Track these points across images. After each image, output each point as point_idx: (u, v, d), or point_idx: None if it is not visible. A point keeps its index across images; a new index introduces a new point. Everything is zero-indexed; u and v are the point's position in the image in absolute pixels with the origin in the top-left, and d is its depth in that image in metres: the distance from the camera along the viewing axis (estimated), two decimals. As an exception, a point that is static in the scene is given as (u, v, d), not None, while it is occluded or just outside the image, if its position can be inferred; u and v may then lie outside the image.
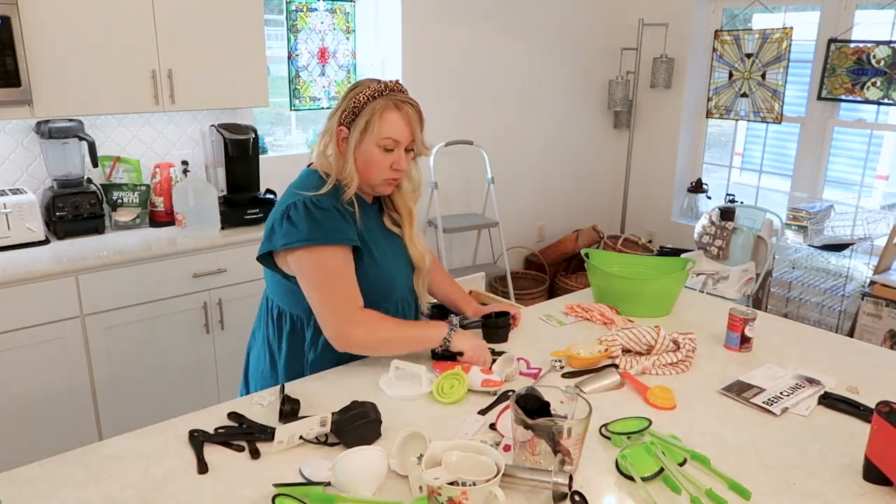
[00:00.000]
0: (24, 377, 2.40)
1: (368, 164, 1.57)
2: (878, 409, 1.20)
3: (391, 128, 1.54)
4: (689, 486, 1.18)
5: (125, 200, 2.89)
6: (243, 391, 1.78)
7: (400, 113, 1.54)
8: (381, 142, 1.54)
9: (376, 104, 1.53)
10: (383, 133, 1.54)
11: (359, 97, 1.54)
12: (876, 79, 3.76)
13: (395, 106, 1.54)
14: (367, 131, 1.54)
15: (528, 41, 4.38)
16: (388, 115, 1.53)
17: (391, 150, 1.56)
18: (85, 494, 1.18)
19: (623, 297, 2.03)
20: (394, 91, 1.56)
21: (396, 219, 1.72)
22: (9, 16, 2.33)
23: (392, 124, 1.54)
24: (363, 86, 1.56)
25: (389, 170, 1.58)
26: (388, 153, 1.56)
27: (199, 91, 2.82)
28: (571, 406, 1.28)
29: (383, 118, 1.53)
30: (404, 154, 1.59)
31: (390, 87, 1.56)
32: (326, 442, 1.32)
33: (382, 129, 1.54)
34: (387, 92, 1.55)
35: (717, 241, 3.90)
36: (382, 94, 1.54)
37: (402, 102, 1.55)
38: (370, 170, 1.57)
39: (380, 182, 1.60)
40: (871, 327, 3.50)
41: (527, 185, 4.68)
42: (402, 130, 1.55)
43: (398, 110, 1.54)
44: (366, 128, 1.54)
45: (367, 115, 1.53)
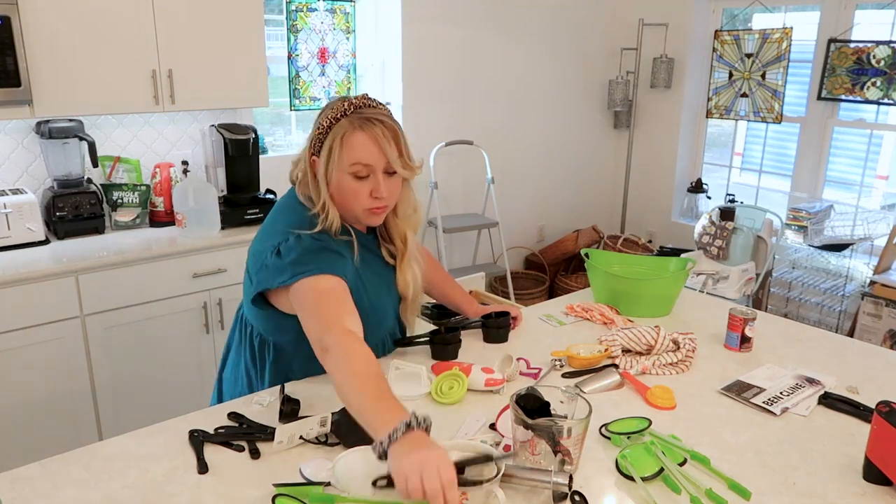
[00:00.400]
0: (24, 377, 2.40)
1: (344, 196, 1.41)
2: (878, 409, 1.20)
3: (357, 152, 1.36)
4: (689, 486, 1.18)
5: (125, 200, 2.89)
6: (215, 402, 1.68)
7: (365, 133, 1.36)
8: (350, 169, 1.37)
9: (338, 127, 1.37)
10: (349, 159, 1.37)
11: (323, 122, 1.39)
12: (876, 79, 3.76)
13: (360, 126, 1.36)
14: (332, 159, 1.38)
15: (528, 41, 4.38)
16: (352, 138, 1.36)
17: (365, 177, 1.39)
18: (85, 494, 1.18)
19: (623, 297, 2.03)
20: (359, 108, 1.38)
21: (392, 250, 1.58)
22: (9, 16, 2.33)
23: (357, 148, 1.36)
24: (329, 107, 1.41)
25: (369, 198, 1.41)
26: (362, 180, 1.39)
27: (199, 91, 2.82)
28: (571, 406, 1.28)
29: (346, 142, 1.36)
30: (383, 178, 1.40)
31: (355, 104, 1.39)
32: (326, 442, 1.32)
33: (348, 155, 1.37)
34: (351, 111, 1.38)
35: (717, 241, 3.90)
36: (346, 115, 1.38)
37: (367, 121, 1.37)
38: (347, 201, 1.41)
39: (362, 213, 1.44)
40: (871, 327, 3.50)
41: (527, 185, 4.68)
42: (370, 152, 1.37)
43: (363, 131, 1.36)
44: (329, 155, 1.38)
45: (330, 140, 1.37)
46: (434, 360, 1.68)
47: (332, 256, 1.40)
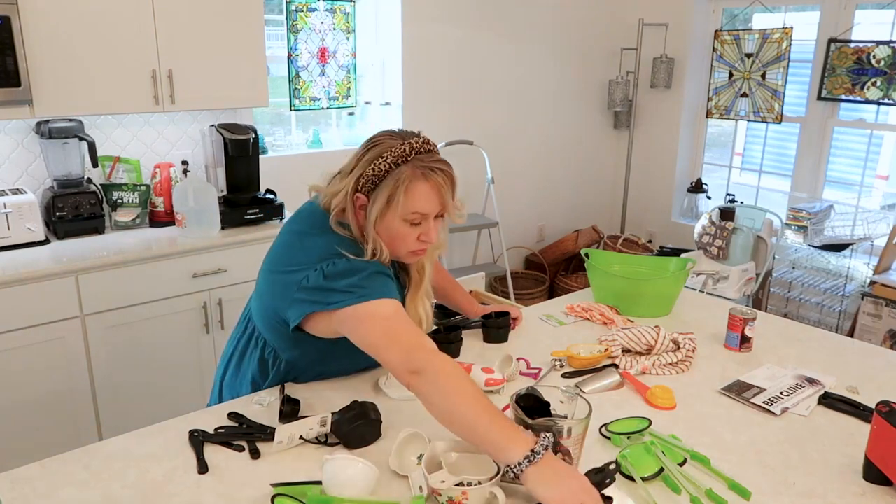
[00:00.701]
0: (24, 377, 2.40)
1: (394, 239, 1.37)
2: (878, 409, 1.20)
3: (420, 202, 1.33)
4: (689, 486, 1.18)
5: (125, 200, 2.89)
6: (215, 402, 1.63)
7: (429, 183, 1.33)
8: (409, 217, 1.35)
9: (401, 173, 1.32)
10: (410, 208, 1.33)
11: (379, 163, 1.33)
12: (876, 79, 3.76)
13: (423, 175, 1.32)
14: (391, 205, 1.33)
15: (528, 41, 4.38)
16: (416, 187, 1.32)
17: (419, 223, 1.37)
18: (85, 494, 1.18)
19: (623, 297, 2.03)
20: (420, 153, 1.34)
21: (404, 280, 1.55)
22: (9, 16, 2.33)
23: (420, 198, 1.33)
24: (383, 146, 1.35)
25: (416, 241, 1.39)
26: (415, 226, 1.37)
27: (199, 91, 2.82)
28: (571, 406, 1.28)
29: (410, 191, 1.32)
30: (434, 222, 1.39)
31: (416, 149, 1.34)
32: (326, 442, 1.32)
33: (409, 204, 1.33)
34: (412, 156, 1.33)
35: (717, 241, 3.90)
36: (408, 160, 1.33)
37: (430, 170, 1.33)
38: (394, 244, 1.39)
39: (406, 254, 1.42)
40: (871, 327, 3.50)
41: (527, 185, 4.69)
42: (432, 203, 1.35)
43: (426, 180, 1.33)
44: (388, 202, 1.33)
45: (391, 186, 1.32)
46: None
47: (387, 280, 1.36)
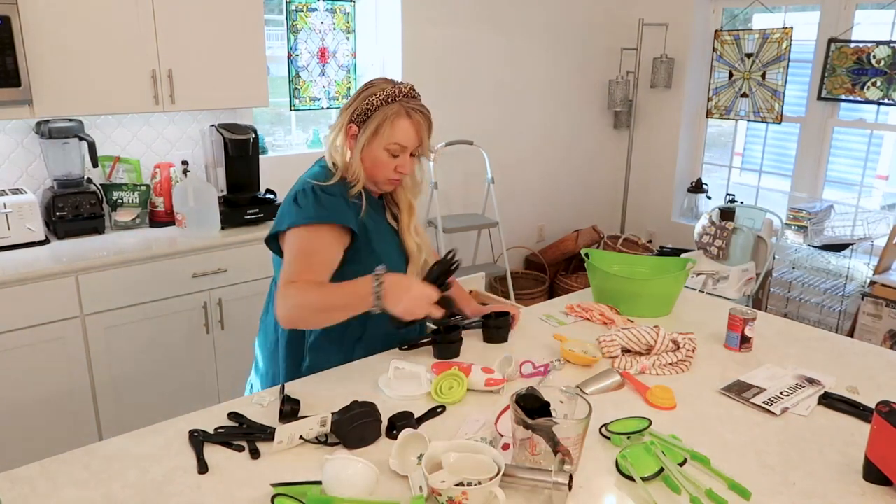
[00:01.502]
0: (24, 377, 2.40)
1: (375, 165, 1.61)
2: (878, 409, 1.20)
3: (401, 135, 1.58)
4: (689, 486, 1.18)
5: (125, 200, 2.89)
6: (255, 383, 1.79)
7: (411, 121, 1.58)
8: (390, 147, 1.58)
9: (389, 109, 1.57)
10: (393, 139, 1.57)
11: (372, 99, 1.57)
12: (876, 79, 3.76)
13: (407, 113, 1.57)
14: (377, 135, 1.57)
15: (527, 41, 4.38)
16: (400, 122, 1.57)
17: (397, 155, 1.60)
18: (85, 494, 1.18)
19: (623, 297, 2.03)
20: (407, 97, 1.59)
21: (396, 213, 1.74)
22: (9, 16, 2.33)
23: (402, 131, 1.58)
24: (377, 87, 1.59)
25: (393, 171, 1.62)
26: (393, 157, 1.60)
27: (199, 91, 2.82)
28: (571, 406, 1.28)
29: (394, 125, 1.57)
30: (409, 158, 1.63)
31: (404, 93, 1.59)
32: (326, 442, 1.32)
33: (392, 135, 1.57)
34: (400, 97, 1.58)
35: (717, 241, 3.90)
36: (396, 100, 1.57)
37: (414, 110, 1.58)
38: (376, 170, 1.61)
39: (383, 181, 1.64)
40: (871, 327, 3.50)
41: (527, 185, 4.68)
42: (411, 138, 1.59)
43: (409, 118, 1.58)
44: (376, 131, 1.57)
45: (379, 118, 1.57)
46: (435, 360, 1.68)
47: (341, 205, 1.57)
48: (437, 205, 3.98)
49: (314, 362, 1.67)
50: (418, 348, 1.74)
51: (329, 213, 1.55)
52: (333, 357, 1.67)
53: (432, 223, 4.02)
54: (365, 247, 1.62)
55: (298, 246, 1.55)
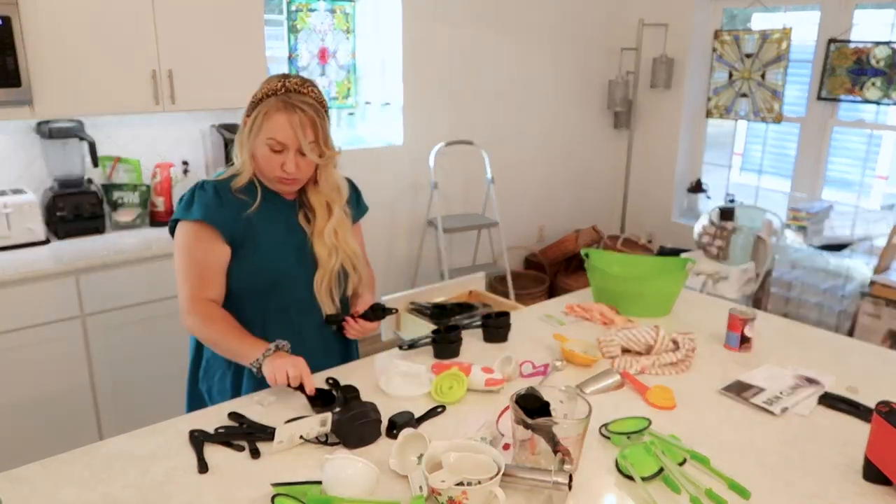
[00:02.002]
0: (24, 377, 2.40)
1: (260, 160, 1.55)
2: (878, 409, 1.20)
3: (273, 129, 1.49)
4: (689, 486, 1.18)
5: (125, 200, 2.89)
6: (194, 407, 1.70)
7: (287, 116, 1.48)
8: (267, 142, 1.51)
9: (268, 103, 1.50)
10: (266, 133, 1.50)
11: (258, 92, 1.53)
12: (875, 79, 3.76)
13: (285, 107, 1.49)
14: (254, 129, 1.52)
15: (528, 41, 4.38)
16: (275, 117, 1.49)
17: (279, 152, 1.51)
18: (85, 494, 1.18)
19: (623, 297, 2.03)
20: (290, 91, 1.51)
21: (310, 216, 1.65)
22: (9, 16, 2.33)
23: (275, 126, 1.49)
24: (268, 80, 1.55)
25: (279, 169, 1.53)
26: (276, 154, 1.52)
27: (199, 91, 2.82)
28: (571, 406, 1.28)
29: (269, 118, 1.49)
30: (297, 157, 1.52)
31: (288, 87, 1.51)
32: (326, 442, 1.32)
33: (266, 129, 1.50)
34: (282, 92, 1.50)
35: (717, 241, 3.90)
36: (277, 94, 1.50)
37: (293, 105, 1.49)
38: (262, 166, 1.55)
39: (272, 179, 1.57)
40: (871, 327, 3.50)
41: (527, 185, 4.68)
42: (286, 134, 1.49)
43: (286, 113, 1.48)
44: (253, 125, 1.52)
45: (257, 112, 1.51)
46: (435, 360, 1.68)
47: (209, 201, 1.53)
48: (437, 205, 3.98)
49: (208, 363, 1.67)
50: (418, 348, 1.74)
51: (196, 210, 1.52)
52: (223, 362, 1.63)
53: (432, 223, 4.02)
54: (249, 246, 1.56)
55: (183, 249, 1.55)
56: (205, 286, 1.54)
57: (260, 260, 1.56)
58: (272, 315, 1.60)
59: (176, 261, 1.56)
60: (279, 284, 1.59)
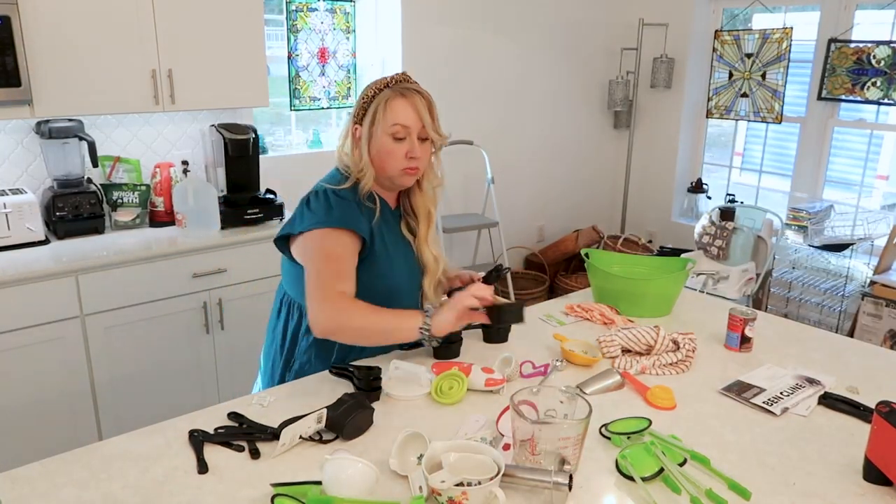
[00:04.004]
0: (24, 377, 2.40)
1: (382, 155, 1.58)
2: (878, 409, 1.20)
3: (397, 114, 1.55)
4: (689, 486, 1.18)
5: (125, 200, 2.89)
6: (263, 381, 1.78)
7: (406, 100, 1.56)
8: (390, 129, 1.55)
9: (382, 95, 1.56)
10: (390, 120, 1.55)
11: (367, 94, 1.59)
12: (876, 79, 3.76)
13: (401, 94, 1.56)
14: (376, 122, 1.56)
15: (528, 41, 4.38)
16: (394, 103, 1.55)
17: (402, 139, 1.57)
18: (85, 494, 1.18)
19: (623, 297, 2.03)
20: (400, 82, 1.59)
21: (413, 225, 1.71)
22: (9, 16, 2.33)
23: (398, 111, 1.55)
24: (371, 85, 1.60)
25: (405, 159, 1.58)
26: (399, 142, 1.56)
27: (199, 91, 2.82)
28: (571, 406, 1.28)
29: (388, 106, 1.55)
30: (418, 142, 1.58)
31: (396, 79, 1.59)
32: (321, 439, 1.33)
33: (389, 117, 1.55)
34: (392, 84, 1.58)
35: (717, 241, 3.90)
36: (388, 86, 1.58)
37: (407, 90, 1.57)
38: (385, 161, 1.58)
39: (398, 173, 1.60)
40: (871, 327, 3.50)
41: (527, 185, 4.68)
42: (408, 115, 1.56)
43: (403, 97, 1.56)
44: (374, 119, 1.56)
45: (374, 106, 1.56)
46: (435, 360, 1.68)
47: (353, 210, 1.55)
48: (437, 205, 3.97)
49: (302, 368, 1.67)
50: (418, 348, 1.74)
51: (341, 218, 1.53)
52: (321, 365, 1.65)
53: (432, 223, 4.02)
54: (375, 254, 1.59)
55: (321, 251, 1.53)
56: (342, 281, 1.52)
57: (380, 270, 1.60)
58: None
59: (314, 266, 1.52)
60: (394, 294, 1.62)
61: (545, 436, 1.19)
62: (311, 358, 1.66)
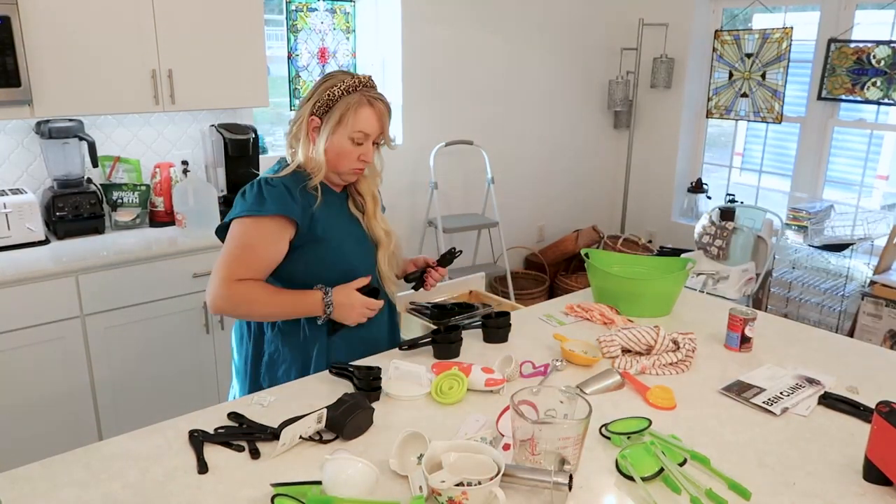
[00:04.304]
0: (24, 377, 2.40)
1: (339, 156, 1.63)
2: (878, 409, 1.20)
3: (363, 123, 1.60)
4: (689, 486, 1.18)
5: (125, 200, 2.89)
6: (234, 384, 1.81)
7: (373, 109, 1.61)
8: (353, 135, 1.60)
9: (351, 99, 1.59)
10: (356, 127, 1.60)
11: (333, 90, 1.59)
12: (876, 79, 3.76)
13: (369, 102, 1.60)
14: (341, 125, 1.59)
15: (528, 41, 4.38)
16: (362, 111, 1.60)
17: (360, 144, 1.62)
18: (85, 494, 1.18)
19: (623, 297, 2.03)
20: (367, 87, 1.62)
21: (360, 203, 1.76)
22: (9, 16, 2.33)
23: (364, 119, 1.60)
24: (337, 79, 1.61)
25: (357, 161, 1.64)
26: (357, 146, 1.62)
27: (199, 91, 2.82)
28: (571, 406, 1.28)
29: (357, 113, 1.59)
30: (370, 147, 1.65)
31: (363, 83, 1.62)
32: (321, 440, 1.33)
33: (355, 124, 1.59)
34: (360, 87, 1.61)
35: (717, 241, 3.90)
36: (356, 90, 1.60)
37: (374, 99, 1.62)
38: (340, 160, 1.63)
39: (347, 171, 1.66)
40: (871, 327, 3.50)
41: (527, 185, 4.68)
42: (373, 125, 1.61)
43: (371, 106, 1.61)
44: (340, 121, 1.59)
45: (342, 108, 1.59)
46: (435, 360, 1.68)
47: (283, 196, 1.58)
48: (437, 205, 3.98)
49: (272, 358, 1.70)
50: (418, 348, 1.74)
51: (270, 205, 1.56)
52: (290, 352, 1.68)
53: (432, 223, 4.02)
54: (320, 237, 1.63)
55: (238, 239, 1.58)
56: (244, 273, 1.57)
57: (331, 253, 1.65)
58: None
59: (224, 252, 1.58)
60: (349, 274, 1.67)
61: (545, 436, 1.19)
62: (278, 346, 1.69)
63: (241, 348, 1.75)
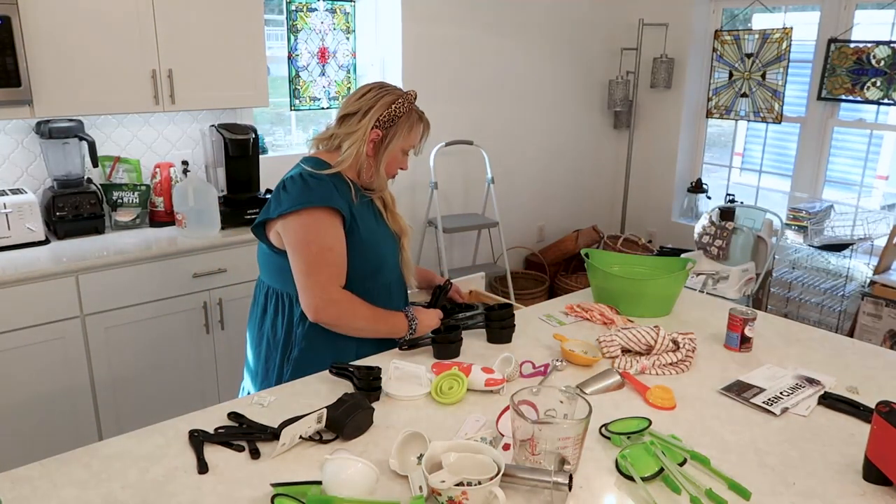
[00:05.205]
0: (24, 377, 2.40)
1: (391, 164, 1.75)
2: (878, 409, 1.20)
3: (416, 137, 1.76)
4: (689, 486, 1.18)
5: (125, 200, 2.89)
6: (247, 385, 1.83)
7: (424, 126, 1.77)
8: (406, 146, 1.74)
9: (413, 115, 1.73)
10: (411, 141, 1.75)
11: (398, 107, 1.69)
12: (876, 79, 3.76)
13: (420, 118, 1.75)
14: (398, 136, 1.71)
15: (528, 41, 4.38)
16: (418, 128, 1.74)
17: (406, 154, 1.77)
18: (85, 494, 1.18)
19: (623, 297, 2.03)
20: (414, 101, 1.76)
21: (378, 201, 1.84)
22: (9, 16, 2.33)
23: (417, 135, 1.76)
24: (395, 94, 1.71)
25: (398, 169, 1.78)
26: (404, 156, 1.77)
27: (199, 91, 2.82)
28: (571, 406, 1.28)
29: (413, 129, 1.73)
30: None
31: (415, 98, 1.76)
32: (321, 440, 1.33)
33: (411, 138, 1.74)
34: (413, 104, 1.75)
35: (717, 241, 3.90)
36: (412, 106, 1.73)
37: (422, 114, 1.76)
38: (391, 167, 1.76)
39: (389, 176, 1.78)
40: (871, 327, 3.50)
41: (527, 185, 4.68)
42: (417, 140, 1.77)
43: (422, 122, 1.76)
44: (399, 135, 1.71)
45: (406, 123, 1.71)
46: (435, 360, 1.68)
47: (329, 189, 1.63)
48: (437, 205, 3.98)
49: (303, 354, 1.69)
50: (418, 348, 1.74)
51: (321, 197, 1.60)
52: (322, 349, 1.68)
53: (432, 223, 4.02)
54: (360, 229, 1.68)
55: (308, 237, 1.60)
56: (340, 274, 1.64)
57: (367, 245, 1.69)
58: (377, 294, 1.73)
59: (300, 250, 1.61)
60: (383, 266, 1.75)
61: (545, 436, 1.19)
62: (311, 343, 1.68)
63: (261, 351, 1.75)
